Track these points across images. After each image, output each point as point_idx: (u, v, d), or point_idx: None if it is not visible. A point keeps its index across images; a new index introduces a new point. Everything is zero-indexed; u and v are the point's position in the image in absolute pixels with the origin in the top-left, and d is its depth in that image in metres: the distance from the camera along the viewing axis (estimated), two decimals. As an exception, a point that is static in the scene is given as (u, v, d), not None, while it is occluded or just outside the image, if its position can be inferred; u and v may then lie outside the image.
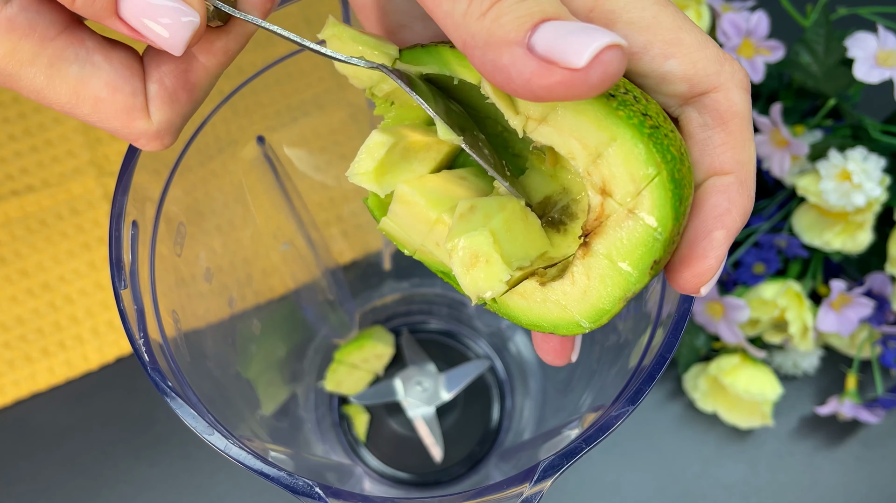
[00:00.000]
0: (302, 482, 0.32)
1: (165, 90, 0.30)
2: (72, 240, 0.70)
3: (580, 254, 0.29)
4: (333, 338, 0.66)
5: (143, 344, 0.34)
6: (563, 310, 0.30)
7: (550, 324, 0.31)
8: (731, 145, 0.29)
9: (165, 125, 0.30)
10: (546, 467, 0.33)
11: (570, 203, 0.32)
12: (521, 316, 0.32)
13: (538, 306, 0.31)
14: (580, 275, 0.30)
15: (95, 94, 0.29)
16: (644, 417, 0.66)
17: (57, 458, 0.65)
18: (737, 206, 0.29)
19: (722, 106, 0.29)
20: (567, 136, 0.29)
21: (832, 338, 0.66)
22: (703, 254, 0.29)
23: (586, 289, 0.29)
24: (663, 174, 0.27)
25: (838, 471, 0.66)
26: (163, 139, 0.30)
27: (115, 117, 0.29)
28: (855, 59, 0.59)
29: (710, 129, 0.29)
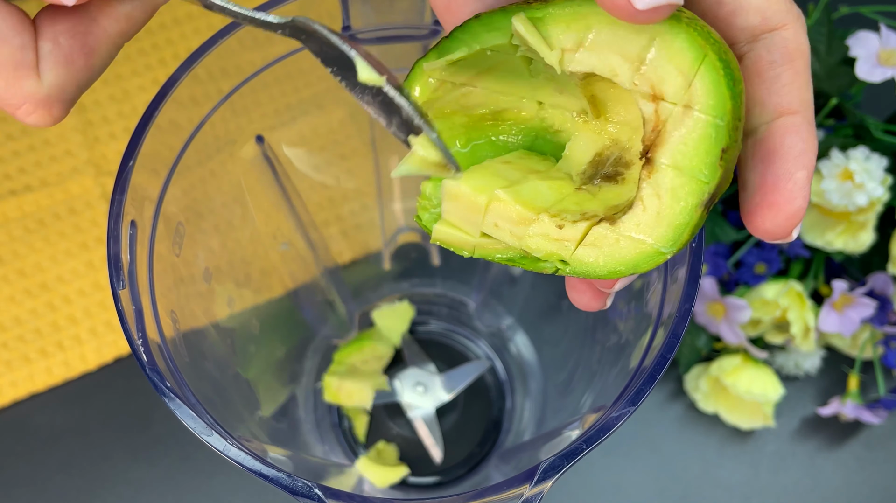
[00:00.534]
0: (301, 483, 0.32)
1: (60, 50, 0.27)
2: (70, 240, 0.70)
3: (645, 175, 0.29)
4: (333, 338, 0.66)
5: (141, 344, 0.34)
6: (639, 244, 0.29)
7: (630, 264, 0.30)
8: (798, 84, 0.29)
9: (57, 90, 0.27)
10: (546, 468, 0.33)
11: (621, 154, 0.32)
12: (599, 267, 0.30)
13: (612, 250, 0.30)
14: (650, 198, 0.29)
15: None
16: (645, 418, 0.66)
17: (55, 459, 0.65)
18: (810, 145, 0.29)
19: (791, 44, 0.29)
20: (605, 53, 0.29)
21: (834, 339, 0.66)
22: (791, 196, 0.28)
23: (659, 210, 0.29)
24: (710, 55, 0.27)
25: (840, 473, 0.66)
26: (51, 108, 0.27)
27: (1, 75, 0.26)
28: (857, 58, 0.58)
29: (778, 66, 0.29)
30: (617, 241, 0.30)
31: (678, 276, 0.36)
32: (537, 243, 0.31)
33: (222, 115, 0.41)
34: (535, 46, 0.29)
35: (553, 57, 0.29)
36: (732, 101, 0.27)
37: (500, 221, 0.32)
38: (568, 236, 0.30)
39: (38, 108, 0.27)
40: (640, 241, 0.29)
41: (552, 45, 0.29)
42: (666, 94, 0.28)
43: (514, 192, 0.31)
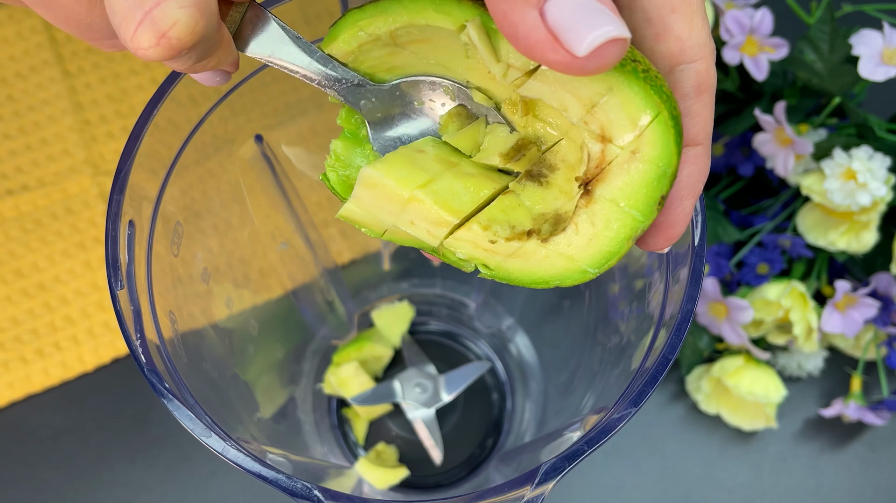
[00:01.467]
0: (301, 485, 0.32)
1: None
2: (67, 240, 0.70)
3: (582, 204, 0.31)
4: (332, 339, 0.66)
5: (139, 345, 0.34)
6: (568, 261, 0.31)
7: (556, 277, 0.32)
8: (704, 117, 0.30)
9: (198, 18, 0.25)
10: (548, 470, 0.33)
11: (546, 155, 0.33)
12: (524, 276, 0.33)
13: (540, 263, 0.32)
14: (585, 224, 0.31)
15: None
16: (646, 419, 0.66)
17: (52, 461, 0.65)
18: (703, 175, 0.31)
19: (702, 77, 0.30)
20: (558, 89, 0.30)
21: (837, 340, 0.66)
22: (676, 220, 0.31)
23: (592, 237, 0.31)
24: (663, 113, 0.28)
25: (843, 474, 0.66)
26: (194, 14, 0.25)
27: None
28: (860, 56, 0.58)
29: (689, 99, 0.30)
30: (546, 257, 0.32)
31: (680, 277, 0.36)
32: (464, 247, 0.33)
33: (220, 114, 0.41)
34: (483, 55, 0.30)
35: (498, 69, 0.31)
36: (677, 155, 0.29)
37: (417, 220, 0.33)
38: (500, 251, 0.32)
39: (180, 9, 0.25)
40: (569, 258, 0.31)
41: (500, 57, 0.30)
42: (615, 138, 0.29)
43: (433, 192, 0.32)
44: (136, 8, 0.24)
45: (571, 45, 0.25)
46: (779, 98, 0.67)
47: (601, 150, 0.30)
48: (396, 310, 0.67)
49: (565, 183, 0.32)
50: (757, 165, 0.67)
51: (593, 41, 0.25)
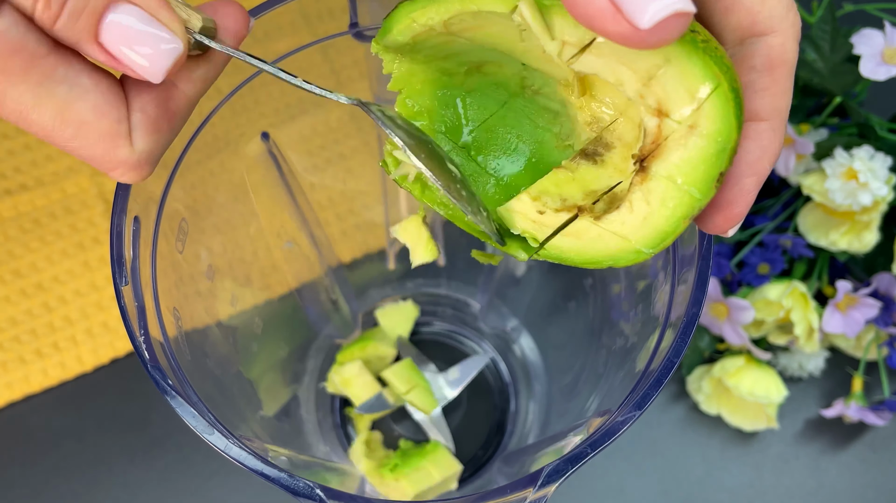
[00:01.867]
0: (303, 484, 0.32)
1: (148, 119, 0.29)
2: (66, 239, 0.70)
3: (637, 181, 0.30)
4: (335, 338, 0.66)
5: (143, 341, 0.34)
6: (621, 241, 0.30)
7: (609, 257, 0.31)
8: (773, 92, 0.29)
9: (146, 155, 0.30)
10: (550, 472, 0.33)
11: (603, 134, 0.32)
12: (576, 255, 0.32)
13: (593, 243, 0.31)
14: (639, 202, 0.30)
15: (81, 118, 0.28)
16: (647, 420, 0.66)
17: (51, 462, 0.65)
18: (768, 153, 0.29)
19: (775, 51, 0.29)
20: (613, 63, 0.29)
21: (838, 340, 0.66)
22: (734, 199, 0.29)
23: (647, 215, 0.30)
24: (724, 84, 0.27)
25: (844, 475, 0.66)
26: (142, 169, 0.30)
27: (98, 143, 0.29)
28: (861, 55, 0.59)
29: (756, 72, 0.29)
30: (599, 236, 0.31)
31: (686, 279, 0.36)
32: (514, 219, 0.33)
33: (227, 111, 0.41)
34: (537, 32, 0.30)
35: (552, 47, 0.30)
36: (738, 130, 0.28)
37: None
38: (547, 222, 0.32)
39: (131, 170, 0.30)
40: (623, 237, 0.30)
41: (554, 34, 0.30)
42: (672, 112, 0.28)
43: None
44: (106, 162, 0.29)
45: (634, 17, 0.24)
46: (780, 98, 0.67)
47: (658, 125, 0.29)
48: (401, 310, 0.67)
49: (621, 161, 0.32)
50: (758, 165, 0.67)
51: (657, 13, 0.24)
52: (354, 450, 0.62)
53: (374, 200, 0.63)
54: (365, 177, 0.61)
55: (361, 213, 0.66)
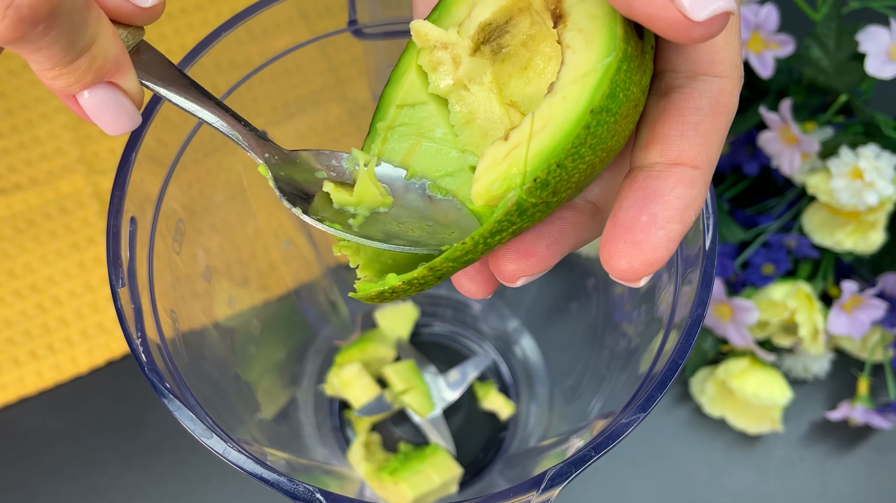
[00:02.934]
0: (302, 488, 0.32)
1: None
2: (61, 239, 0.70)
3: (562, 29, 0.29)
4: (334, 339, 0.66)
5: (140, 344, 0.34)
6: (585, 76, 0.28)
7: (589, 100, 0.28)
8: (712, 142, 0.28)
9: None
10: (554, 475, 0.33)
11: (509, 34, 0.32)
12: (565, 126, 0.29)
13: (568, 97, 0.29)
14: (576, 40, 0.29)
15: None
16: (650, 422, 0.66)
17: (45, 465, 0.65)
18: (697, 204, 0.28)
19: (724, 97, 0.28)
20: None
21: (843, 341, 0.66)
22: (657, 243, 0.27)
23: (588, 40, 0.28)
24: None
25: (850, 478, 0.66)
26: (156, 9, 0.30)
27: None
28: (867, 53, 0.59)
29: (702, 113, 0.28)
30: (571, 86, 0.29)
31: (690, 279, 0.36)
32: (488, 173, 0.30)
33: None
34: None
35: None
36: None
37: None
38: (517, 139, 0.29)
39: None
40: (585, 72, 0.28)
41: None
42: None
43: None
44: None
45: (690, 9, 0.24)
46: (784, 96, 0.67)
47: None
48: (400, 311, 0.67)
49: (544, 45, 0.31)
50: (762, 164, 0.67)
51: (713, 10, 0.24)
52: (353, 453, 0.62)
53: (373, 200, 0.63)
54: (364, 176, 0.60)
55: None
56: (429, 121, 0.34)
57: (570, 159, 0.27)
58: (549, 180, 0.28)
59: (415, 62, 0.33)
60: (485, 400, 0.65)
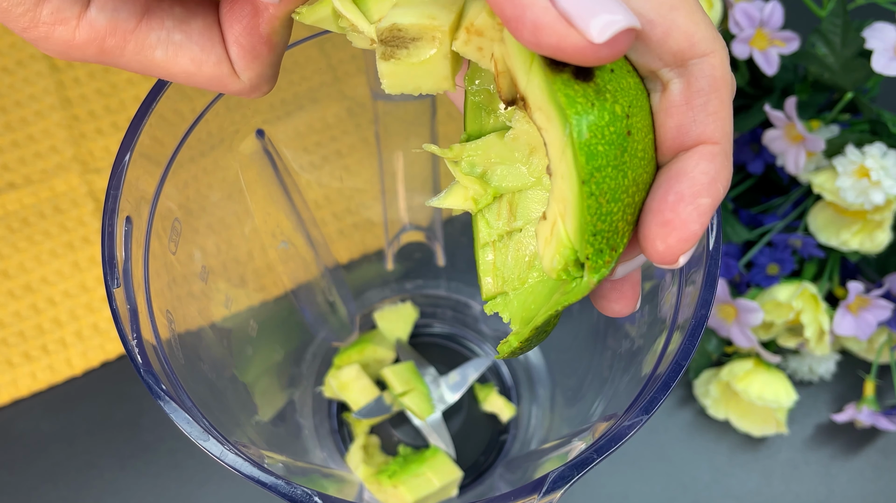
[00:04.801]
0: (301, 491, 0.32)
1: (244, 49, 0.32)
2: (55, 239, 0.70)
3: (525, 117, 0.31)
4: (332, 341, 0.66)
5: (136, 345, 0.34)
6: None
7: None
8: (723, 115, 0.29)
9: (256, 79, 0.32)
10: (556, 478, 0.33)
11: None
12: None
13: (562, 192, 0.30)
14: (542, 120, 0.29)
15: (184, 70, 0.31)
16: (653, 425, 0.66)
17: (39, 468, 0.65)
18: (723, 177, 0.29)
19: (718, 71, 0.29)
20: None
21: (849, 343, 0.66)
22: (687, 218, 0.28)
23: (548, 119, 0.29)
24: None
25: (856, 481, 0.66)
26: (260, 89, 0.33)
27: (209, 85, 0.32)
28: (873, 50, 0.59)
29: (706, 94, 0.29)
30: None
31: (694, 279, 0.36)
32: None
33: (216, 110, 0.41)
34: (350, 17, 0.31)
35: (369, 30, 0.31)
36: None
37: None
38: (552, 216, 0.30)
39: (251, 93, 0.33)
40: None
41: (371, 17, 0.31)
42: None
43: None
44: None
45: (589, 31, 0.25)
46: (789, 93, 0.67)
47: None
48: (399, 312, 0.67)
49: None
50: (767, 163, 0.67)
51: (613, 29, 0.25)
52: (352, 455, 0.62)
53: (372, 199, 0.63)
54: (363, 174, 0.60)
55: (359, 211, 0.66)
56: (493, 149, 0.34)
57: (602, 221, 0.28)
58: (601, 247, 0.28)
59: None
60: (485, 402, 0.65)
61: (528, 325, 0.32)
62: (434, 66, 0.31)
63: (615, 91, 0.28)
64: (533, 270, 0.32)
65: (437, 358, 0.67)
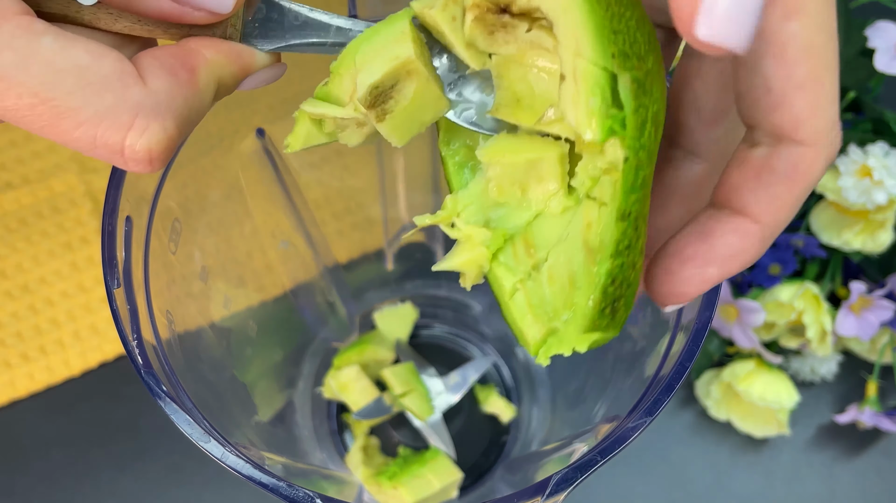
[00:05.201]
0: (302, 493, 0.32)
1: (162, 62, 0.28)
2: (53, 239, 0.70)
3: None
4: (332, 341, 0.65)
5: (136, 345, 0.34)
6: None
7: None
8: (781, 203, 0.28)
9: (166, 97, 0.27)
10: (559, 480, 0.33)
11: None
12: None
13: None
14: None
15: (76, 62, 0.26)
16: (654, 426, 0.66)
17: (37, 470, 0.65)
18: (746, 257, 0.28)
19: (804, 164, 0.27)
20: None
21: (852, 343, 0.66)
22: (688, 279, 0.28)
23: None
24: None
25: (858, 483, 0.66)
26: (165, 121, 0.27)
27: (105, 89, 0.26)
28: (875, 49, 0.59)
29: (776, 175, 0.28)
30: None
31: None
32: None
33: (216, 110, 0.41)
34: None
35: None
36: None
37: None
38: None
39: (151, 120, 0.27)
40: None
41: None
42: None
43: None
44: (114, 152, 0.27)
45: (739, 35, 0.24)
46: (791, 93, 0.67)
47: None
48: (399, 312, 0.67)
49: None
50: (769, 163, 0.67)
51: (716, 38, 0.23)
52: (351, 457, 0.62)
53: (371, 198, 0.62)
54: (362, 174, 0.60)
55: (359, 211, 0.66)
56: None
57: (618, 23, 0.27)
58: (624, 49, 0.27)
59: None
60: (486, 403, 0.65)
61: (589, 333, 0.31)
62: (425, 95, 0.31)
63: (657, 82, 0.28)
64: (577, 289, 0.31)
65: (437, 359, 0.67)
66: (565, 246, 0.30)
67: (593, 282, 0.29)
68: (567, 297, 0.30)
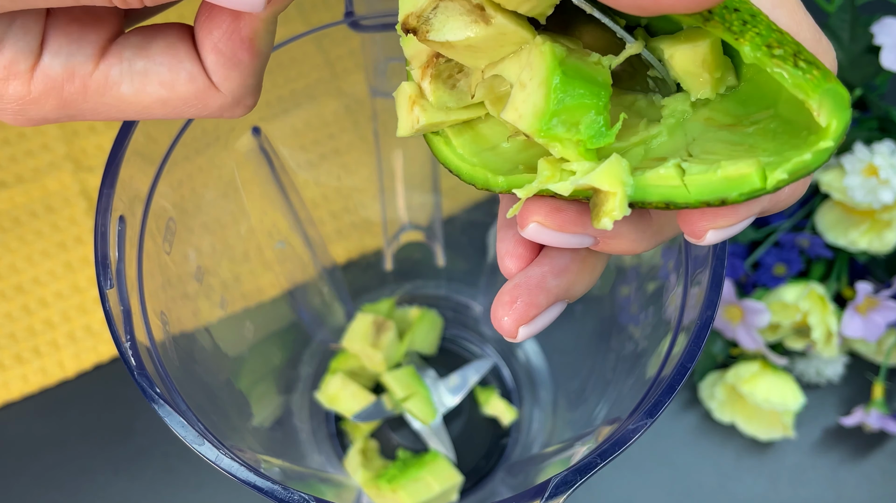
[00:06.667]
0: (298, 496, 0.32)
1: (224, 57, 0.29)
2: (47, 239, 0.70)
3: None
4: (330, 342, 0.66)
5: (129, 347, 0.34)
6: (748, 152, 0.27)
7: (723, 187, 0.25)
8: None
9: (240, 90, 0.29)
10: (559, 483, 0.33)
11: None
12: (681, 192, 0.26)
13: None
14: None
15: (157, 98, 0.29)
16: (657, 428, 0.66)
17: (31, 472, 0.65)
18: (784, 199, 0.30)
19: None
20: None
21: (858, 344, 0.66)
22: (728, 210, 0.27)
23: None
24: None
25: (864, 486, 0.66)
26: (244, 103, 0.30)
27: (188, 107, 0.29)
28: (882, 46, 0.59)
29: None
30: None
31: (699, 280, 0.36)
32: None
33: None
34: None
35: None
36: None
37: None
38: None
39: (233, 109, 0.30)
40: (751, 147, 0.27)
41: None
42: None
43: None
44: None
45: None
46: (796, 90, 0.67)
47: None
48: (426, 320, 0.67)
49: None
50: (774, 161, 0.67)
51: None
52: (350, 460, 0.62)
53: (370, 198, 0.63)
54: (361, 173, 0.61)
55: (357, 211, 0.66)
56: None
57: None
58: None
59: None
60: (486, 405, 0.65)
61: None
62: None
63: None
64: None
65: (436, 360, 0.67)
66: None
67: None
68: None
